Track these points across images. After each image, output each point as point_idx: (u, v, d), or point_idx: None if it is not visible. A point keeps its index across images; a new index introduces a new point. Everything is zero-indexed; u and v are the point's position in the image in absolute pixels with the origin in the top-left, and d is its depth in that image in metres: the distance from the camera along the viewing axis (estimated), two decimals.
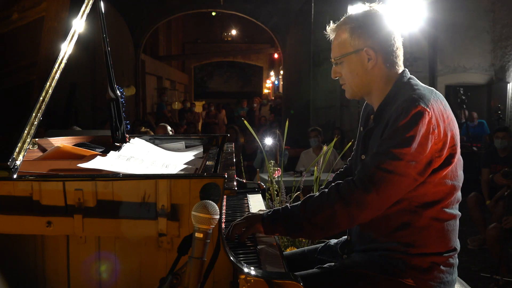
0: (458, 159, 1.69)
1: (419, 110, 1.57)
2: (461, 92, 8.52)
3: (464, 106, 8.74)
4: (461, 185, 1.72)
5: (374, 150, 1.64)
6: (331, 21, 1.83)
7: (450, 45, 10.57)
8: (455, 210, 1.72)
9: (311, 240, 1.95)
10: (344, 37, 1.76)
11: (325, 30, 1.86)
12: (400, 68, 1.78)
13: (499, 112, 8.32)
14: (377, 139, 1.70)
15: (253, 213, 1.81)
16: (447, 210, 1.68)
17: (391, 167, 1.56)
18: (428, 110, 1.58)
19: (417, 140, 1.56)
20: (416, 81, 1.76)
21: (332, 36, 1.82)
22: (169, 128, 5.93)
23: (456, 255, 1.74)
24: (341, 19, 1.80)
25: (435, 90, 1.73)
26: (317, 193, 1.70)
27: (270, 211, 1.75)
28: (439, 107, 1.64)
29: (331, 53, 1.82)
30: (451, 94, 10.66)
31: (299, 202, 1.70)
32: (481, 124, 9.48)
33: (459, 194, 1.73)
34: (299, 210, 1.67)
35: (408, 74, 1.78)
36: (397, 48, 1.76)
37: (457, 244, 1.74)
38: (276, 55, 21.42)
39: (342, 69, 1.79)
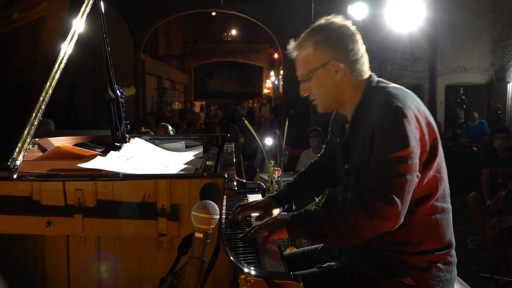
0: (441, 150, 1.71)
1: (399, 110, 1.59)
2: (461, 92, 8.52)
3: (464, 106, 8.73)
4: (446, 176, 1.74)
5: (376, 159, 1.61)
6: (291, 40, 1.83)
7: (450, 45, 10.58)
8: (446, 204, 1.73)
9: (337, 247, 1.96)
10: (308, 53, 1.77)
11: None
12: (367, 74, 1.80)
13: (499, 112, 8.32)
14: (359, 147, 1.72)
15: (275, 218, 1.79)
16: (438, 204, 1.69)
17: (402, 171, 1.56)
18: (407, 108, 1.61)
19: (410, 137, 1.58)
20: (384, 83, 1.77)
21: (294, 54, 1.82)
22: (170, 127, 5.92)
23: (454, 253, 1.74)
24: (300, 38, 1.80)
25: (403, 87, 1.75)
26: (341, 202, 1.68)
27: (294, 216, 1.71)
28: (414, 103, 1.66)
29: (297, 71, 1.82)
30: (451, 94, 10.66)
31: (324, 208, 1.68)
32: (481, 124, 9.47)
33: (447, 186, 1.74)
34: (323, 217, 1.64)
35: (375, 78, 1.79)
36: (361, 56, 1.78)
37: (452, 238, 1.74)
38: (276, 55, 21.40)
39: (311, 85, 1.80)
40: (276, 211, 1.97)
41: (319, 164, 2.15)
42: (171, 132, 5.83)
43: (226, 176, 1.48)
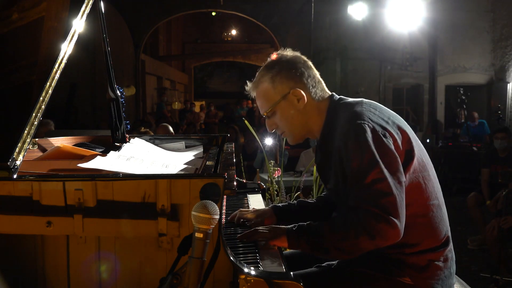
0: (419, 150, 1.71)
1: (359, 127, 1.59)
2: (461, 92, 8.52)
3: (464, 106, 8.73)
4: (432, 173, 1.73)
5: (355, 183, 1.59)
6: (247, 82, 1.87)
7: (450, 45, 10.59)
8: (437, 200, 1.71)
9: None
10: (267, 88, 1.79)
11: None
12: (327, 94, 1.82)
13: (499, 112, 8.32)
14: (333, 170, 1.72)
15: (276, 226, 1.78)
16: (428, 203, 1.69)
17: (386, 189, 1.54)
18: (366, 122, 1.61)
19: (378, 153, 1.56)
20: (345, 100, 1.79)
21: (253, 94, 1.85)
22: (170, 128, 5.92)
23: (452, 247, 1.74)
24: (256, 77, 1.84)
25: (363, 99, 1.76)
26: (341, 217, 1.65)
27: (294, 226, 1.69)
28: (374, 114, 1.66)
29: (260, 109, 1.86)
30: (451, 94, 10.67)
31: (324, 223, 1.65)
32: (481, 124, 9.48)
33: (435, 183, 1.73)
34: (325, 233, 1.62)
35: (336, 97, 1.81)
36: (318, 81, 1.81)
37: (448, 233, 1.73)
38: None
39: (276, 119, 1.82)
40: (270, 222, 1.95)
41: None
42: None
43: (226, 176, 1.47)
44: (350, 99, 1.79)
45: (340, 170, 1.66)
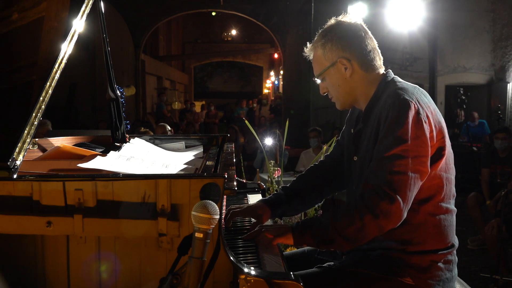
0: (449, 151, 1.72)
1: (405, 102, 1.61)
2: (461, 92, 8.51)
3: (464, 106, 8.72)
4: (454, 178, 1.75)
5: (377, 154, 1.63)
6: (307, 43, 1.89)
7: (450, 45, 10.57)
8: (451, 205, 1.73)
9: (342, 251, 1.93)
10: (319, 53, 1.83)
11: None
12: (381, 69, 1.83)
13: (499, 112, 8.31)
14: (367, 139, 1.73)
15: (280, 224, 1.78)
16: (443, 204, 1.69)
17: (402, 168, 1.57)
18: (413, 101, 1.62)
19: (413, 132, 1.58)
20: (399, 79, 1.80)
21: (310, 56, 1.88)
22: (168, 127, 5.94)
23: (455, 252, 1.75)
24: (314, 39, 1.86)
25: (417, 86, 1.76)
26: (344, 206, 1.69)
27: (299, 222, 1.71)
28: (423, 100, 1.67)
29: (314, 72, 1.88)
30: (451, 94, 10.66)
31: (328, 213, 1.68)
32: (481, 124, 9.47)
33: (453, 188, 1.74)
34: (330, 222, 1.64)
35: (392, 74, 1.82)
36: (370, 51, 1.80)
37: (455, 240, 1.75)
38: (276, 55, 21.41)
39: (326, 84, 1.85)
40: (267, 217, 1.95)
41: (324, 165, 2.11)
42: (169, 132, 5.85)
43: (226, 176, 1.48)
44: (405, 81, 1.79)
45: (374, 137, 1.68)
